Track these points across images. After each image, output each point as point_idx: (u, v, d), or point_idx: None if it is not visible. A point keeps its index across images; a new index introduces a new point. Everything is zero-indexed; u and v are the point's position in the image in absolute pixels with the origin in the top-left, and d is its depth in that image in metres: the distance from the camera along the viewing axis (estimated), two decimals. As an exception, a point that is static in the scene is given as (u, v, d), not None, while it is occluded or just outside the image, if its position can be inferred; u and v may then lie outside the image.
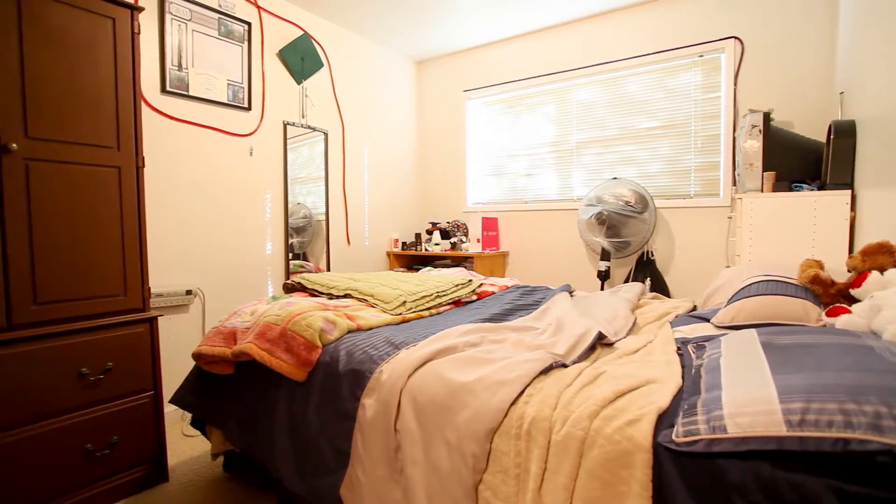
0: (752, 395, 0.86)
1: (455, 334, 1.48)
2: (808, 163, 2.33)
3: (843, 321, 1.26)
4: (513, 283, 2.54)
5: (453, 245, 3.73)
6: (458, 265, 3.57)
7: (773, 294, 1.53)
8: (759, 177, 2.29)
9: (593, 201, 3.05)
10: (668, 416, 0.95)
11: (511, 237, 3.80)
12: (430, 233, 3.92)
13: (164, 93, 2.45)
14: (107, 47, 1.69)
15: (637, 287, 2.25)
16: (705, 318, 1.71)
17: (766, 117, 2.29)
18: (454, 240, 3.75)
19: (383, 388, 1.27)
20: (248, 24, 2.84)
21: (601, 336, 1.44)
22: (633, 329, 1.69)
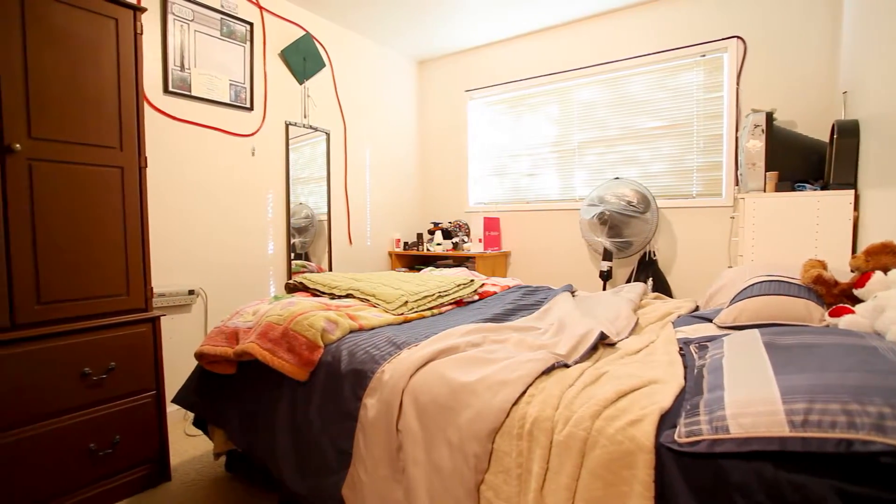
0: (755, 396, 0.86)
1: (457, 334, 1.48)
2: (811, 163, 2.33)
3: (847, 321, 1.25)
4: (515, 283, 2.54)
5: (455, 245, 3.73)
6: (459, 265, 3.56)
7: (776, 294, 1.53)
8: (762, 177, 2.29)
9: (595, 201, 3.05)
10: (670, 417, 0.95)
11: (513, 237, 3.80)
12: (431, 233, 3.92)
13: (167, 93, 2.46)
14: (110, 48, 1.69)
15: (639, 287, 2.25)
16: (708, 319, 1.71)
17: (769, 117, 2.28)
18: (456, 240, 3.75)
19: (385, 388, 1.27)
20: (250, 25, 2.85)
21: (603, 336, 1.44)
22: (635, 329, 1.69)
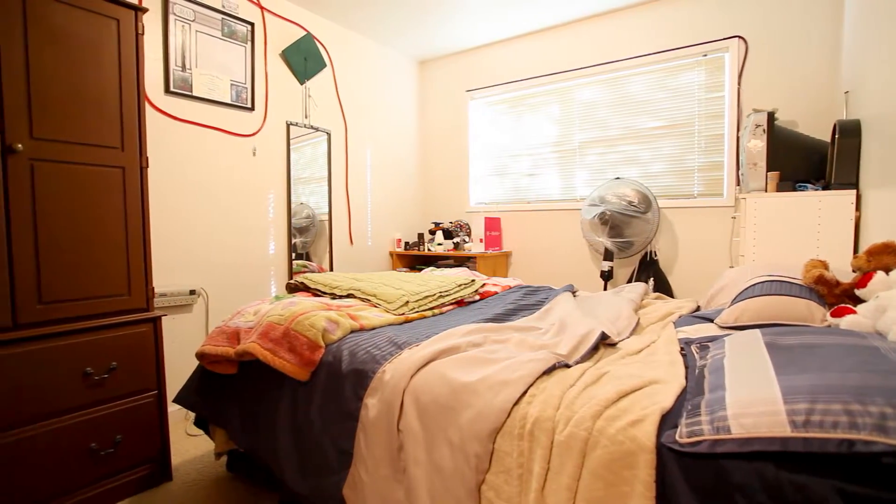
0: (756, 396, 0.85)
1: (458, 334, 1.48)
2: (813, 162, 2.32)
3: (848, 321, 1.25)
4: (516, 283, 2.54)
5: (456, 245, 3.72)
6: (460, 265, 3.56)
7: (778, 294, 1.52)
8: (763, 176, 2.28)
9: (596, 201, 3.05)
10: (671, 417, 0.95)
11: (514, 237, 3.79)
12: (432, 233, 3.92)
13: (168, 93, 2.46)
14: (111, 48, 1.70)
15: (640, 287, 2.25)
16: (709, 319, 1.70)
17: (771, 117, 2.28)
18: (457, 240, 3.75)
19: (386, 388, 1.27)
20: (252, 25, 2.85)
21: (604, 336, 1.44)
22: (636, 329, 1.69)
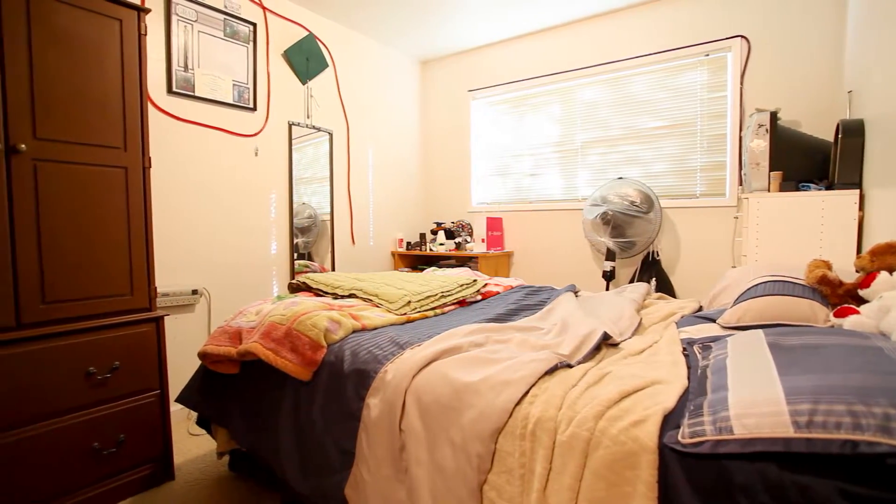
0: (759, 397, 0.85)
1: (460, 334, 1.48)
2: (816, 162, 2.31)
3: (852, 322, 1.25)
4: (517, 283, 2.54)
5: (458, 245, 3.72)
6: (462, 265, 3.56)
7: (780, 294, 1.52)
8: (766, 176, 2.28)
9: (598, 201, 3.04)
10: (673, 417, 0.94)
11: (516, 237, 3.79)
12: (434, 233, 3.92)
13: (170, 93, 2.46)
14: (114, 48, 1.70)
15: (642, 287, 2.24)
16: (711, 319, 1.70)
17: (773, 116, 2.27)
18: (459, 240, 3.75)
19: (388, 388, 1.27)
20: (254, 25, 2.86)
21: (606, 336, 1.44)
22: (638, 329, 1.69)
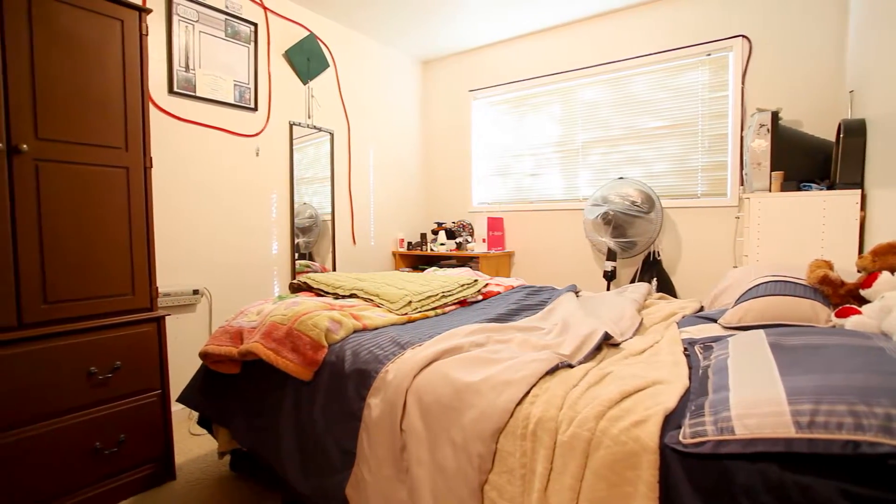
0: (761, 397, 0.85)
1: (461, 334, 1.48)
2: (818, 162, 2.31)
3: (853, 322, 1.25)
4: (518, 283, 2.53)
5: (459, 245, 3.72)
6: (463, 265, 3.56)
7: (782, 295, 1.52)
8: (767, 176, 2.27)
9: (599, 201, 3.04)
10: (674, 417, 0.94)
11: (517, 237, 3.79)
12: (435, 233, 3.92)
13: (172, 93, 2.47)
14: (115, 49, 1.70)
15: (643, 287, 2.24)
16: (712, 319, 1.70)
17: (775, 116, 2.27)
18: (459, 240, 3.75)
19: (389, 388, 1.27)
20: (255, 25, 2.86)
21: (607, 336, 1.44)
22: (639, 329, 1.68)
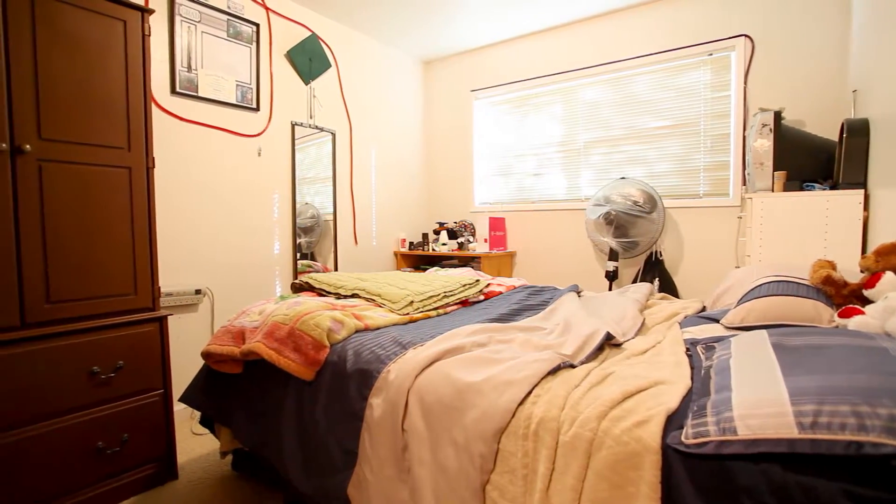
0: (763, 397, 0.85)
1: (462, 334, 1.48)
2: (820, 162, 2.30)
3: (856, 322, 1.24)
4: (520, 283, 2.53)
5: (460, 245, 3.72)
6: (465, 265, 3.56)
7: (784, 295, 1.51)
8: (770, 176, 2.27)
9: (601, 201, 3.04)
10: (677, 418, 0.94)
11: (518, 237, 3.79)
12: (437, 233, 3.92)
13: (174, 94, 2.47)
14: (118, 49, 1.71)
15: (645, 287, 2.24)
16: (715, 319, 1.69)
17: (777, 116, 2.26)
18: (461, 240, 3.75)
19: (391, 388, 1.27)
20: (257, 26, 2.86)
21: (609, 336, 1.44)
22: (641, 330, 1.68)
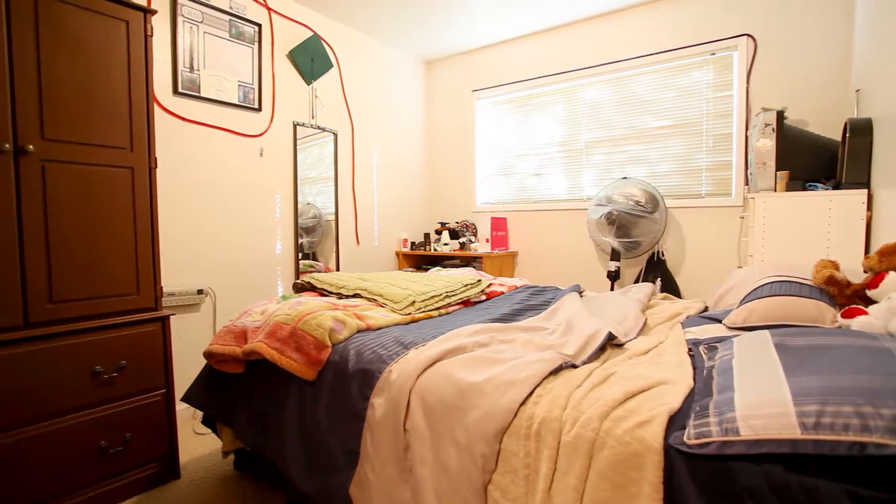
0: (766, 398, 0.85)
1: (464, 334, 1.48)
2: (823, 162, 2.30)
3: (859, 323, 1.24)
4: (522, 283, 2.53)
5: (462, 245, 3.72)
6: (467, 265, 3.56)
7: (787, 295, 1.51)
8: (773, 176, 2.26)
9: (603, 201, 3.03)
10: (679, 418, 0.94)
11: (520, 237, 3.79)
12: (439, 233, 3.92)
13: (176, 94, 2.48)
14: (120, 50, 1.71)
15: (647, 287, 2.23)
16: (717, 319, 1.69)
17: (780, 115, 2.26)
18: (463, 240, 3.75)
19: (393, 388, 1.27)
20: (259, 26, 2.87)
21: (611, 336, 1.43)
22: (643, 330, 1.68)
